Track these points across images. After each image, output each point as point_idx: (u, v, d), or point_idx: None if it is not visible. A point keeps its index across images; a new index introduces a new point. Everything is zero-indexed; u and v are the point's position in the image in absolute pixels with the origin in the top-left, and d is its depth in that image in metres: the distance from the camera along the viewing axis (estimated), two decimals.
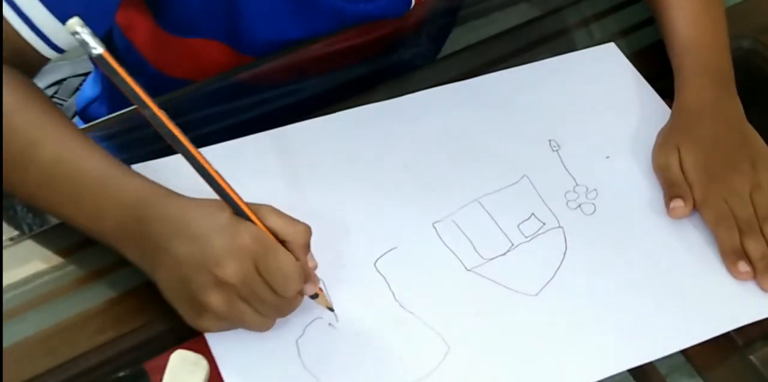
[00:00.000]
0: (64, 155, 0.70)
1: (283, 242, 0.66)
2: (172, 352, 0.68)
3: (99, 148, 0.71)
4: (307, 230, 0.68)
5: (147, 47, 0.95)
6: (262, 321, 0.67)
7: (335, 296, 0.73)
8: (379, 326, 0.72)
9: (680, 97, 0.87)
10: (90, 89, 1.12)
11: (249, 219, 0.65)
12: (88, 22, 0.58)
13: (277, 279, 0.65)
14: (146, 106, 0.61)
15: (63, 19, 0.72)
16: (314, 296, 0.70)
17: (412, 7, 0.92)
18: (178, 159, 0.79)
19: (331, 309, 0.72)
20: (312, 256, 0.69)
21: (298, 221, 0.68)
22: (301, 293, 0.68)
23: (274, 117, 0.85)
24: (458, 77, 0.89)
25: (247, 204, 0.66)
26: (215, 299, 0.64)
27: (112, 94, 1.07)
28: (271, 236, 0.66)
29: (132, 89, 0.60)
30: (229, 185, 0.65)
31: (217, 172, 0.65)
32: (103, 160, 0.70)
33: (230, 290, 0.64)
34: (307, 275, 0.68)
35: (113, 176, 0.69)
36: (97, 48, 0.58)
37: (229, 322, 0.67)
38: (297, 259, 0.66)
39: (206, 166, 0.64)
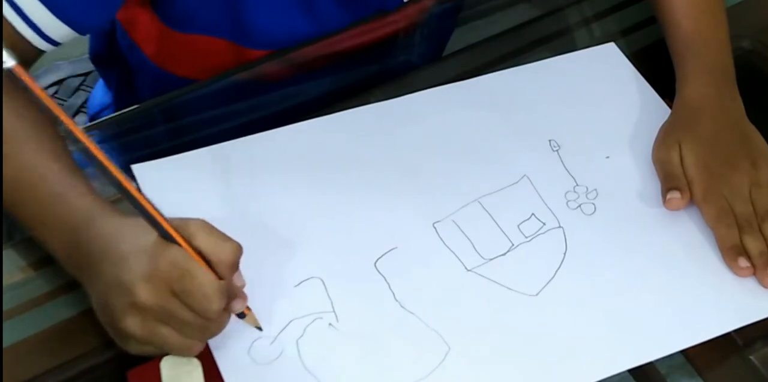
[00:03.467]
0: (26, 169, 0.69)
1: (209, 261, 0.64)
2: (157, 360, 0.67)
3: (62, 160, 0.70)
4: (236, 249, 0.65)
5: (149, 45, 0.94)
6: (187, 343, 0.64)
7: (335, 296, 0.73)
8: (379, 326, 0.72)
9: (681, 94, 0.87)
10: (101, 95, 1.12)
11: (174, 240, 0.63)
12: (89, 8, 0.53)
13: (195, 299, 0.62)
14: (60, 122, 0.57)
15: (55, 10, 0.71)
16: (241, 316, 0.68)
17: None
18: (178, 159, 0.80)
19: (260, 328, 0.69)
20: (240, 275, 0.67)
21: (228, 239, 0.65)
22: (227, 311, 0.66)
23: (275, 117, 0.85)
24: (458, 77, 0.89)
25: (175, 221, 0.63)
26: (132, 324, 0.62)
27: (122, 102, 1.07)
28: (195, 256, 0.63)
29: (44, 104, 0.56)
30: (152, 205, 0.62)
31: (139, 191, 0.61)
32: (60, 175, 0.69)
33: (147, 313, 0.62)
34: (234, 293, 0.66)
35: (64, 195, 0.68)
36: (7, 61, 0.54)
37: (153, 346, 0.64)
38: (222, 278, 0.64)
39: (128, 186, 0.61)
